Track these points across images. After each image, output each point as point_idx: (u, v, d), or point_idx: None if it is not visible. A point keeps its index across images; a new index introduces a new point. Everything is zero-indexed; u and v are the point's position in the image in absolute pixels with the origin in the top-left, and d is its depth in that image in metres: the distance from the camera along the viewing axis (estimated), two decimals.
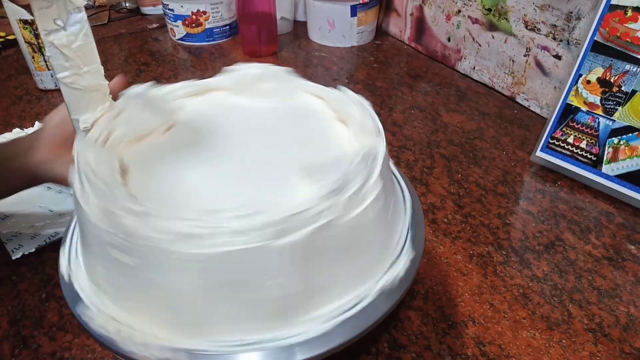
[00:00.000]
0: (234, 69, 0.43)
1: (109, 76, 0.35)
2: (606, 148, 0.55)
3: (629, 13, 0.50)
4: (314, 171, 0.30)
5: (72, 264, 0.34)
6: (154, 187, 0.31)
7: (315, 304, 0.30)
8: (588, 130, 0.56)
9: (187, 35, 0.93)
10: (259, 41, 0.87)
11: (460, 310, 0.41)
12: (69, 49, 0.31)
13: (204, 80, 0.43)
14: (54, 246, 0.46)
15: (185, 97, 0.42)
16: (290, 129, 0.38)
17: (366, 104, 0.37)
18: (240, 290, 0.28)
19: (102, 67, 0.34)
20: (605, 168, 0.55)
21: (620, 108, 0.53)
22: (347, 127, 0.36)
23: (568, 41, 0.65)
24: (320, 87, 0.41)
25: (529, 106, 0.73)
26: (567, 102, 0.57)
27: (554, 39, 0.67)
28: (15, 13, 0.67)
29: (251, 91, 0.42)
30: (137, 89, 0.39)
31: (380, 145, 0.33)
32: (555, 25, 0.66)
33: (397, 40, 0.98)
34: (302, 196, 0.28)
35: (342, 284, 0.31)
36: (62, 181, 0.39)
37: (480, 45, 0.79)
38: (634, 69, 0.51)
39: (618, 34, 0.51)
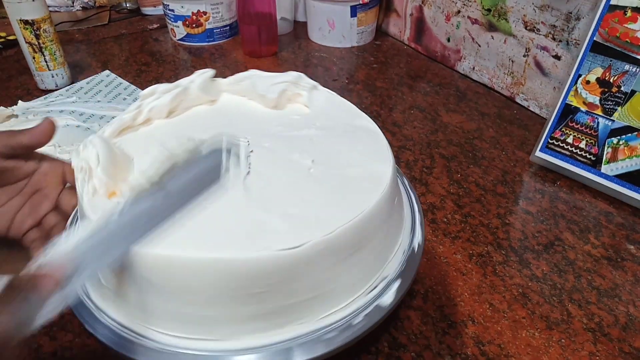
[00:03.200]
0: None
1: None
2: (605, 148, 0.55)
3: (629, 13, 0.51)
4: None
5: None
6: None
7: (317, 305, 0.30)
8: (587, 130, 0.56)
9: (188, 35, 0.93)
10: (259, 41, 0.87)
11: (460, 310, 0.42)
12: None
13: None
14: None
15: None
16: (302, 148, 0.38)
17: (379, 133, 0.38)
18: (241, 295, 0.28)
19: None
20: (604, 168, 0.55)
21: (619, 108, 0.53)
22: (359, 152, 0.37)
23: (567, 41, 0.65)
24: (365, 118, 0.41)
25: (529, 106, 0.73)
26: (566, 102, 0.57)
27: (554, 39, 0.67)
28: (15, 13, 0.67)
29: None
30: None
31: (388, 170, 0.34)
32: (554, 26, 0.66)
33: (397, 40, 0.98)
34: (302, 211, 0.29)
35: (344, 285, 0.31)
36: None
37: (479, 46, 0.79)
38: (633, 69, 0.51)
39: (617, 34, 0.52)
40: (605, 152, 0.55)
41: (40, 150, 0.38)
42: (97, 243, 0.25)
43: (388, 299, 0.32)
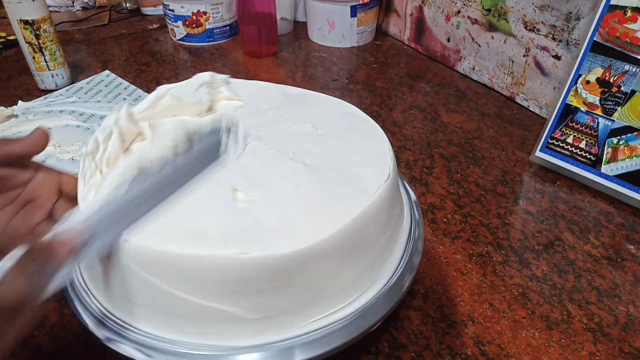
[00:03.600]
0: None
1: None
2: (605, 148, 0.55)
3: (629, 13, 0.51)
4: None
5: None
6: None
7: (317, 305, 0.30)
8: (587, 130, 0.56)
9: (188, 35, 0.93)
10: (259, 42, 0.87)
11: (460, 310, 0.42)
12: None
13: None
14: None
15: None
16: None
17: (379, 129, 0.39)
18: (241, 296, 0.28)
19: None
20: (604, 168, 0.55)
21: (619, 108, 0.53)
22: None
23: (567, 41, 0.65)
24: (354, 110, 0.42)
25: (529, 106, 0.73)
26: (566, 102, 0.57)
27: (554, 39, 0.67)
28: (15, 13, 0.67)
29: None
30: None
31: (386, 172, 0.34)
32: (554, 26, 0.66)
33: (397, 40, 0.98)
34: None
35: (344, 285, 0.31)
36: None
37: (479, 46, 0.79)
38: (633, 69, 0.51)
39: (617, 34, 0.52)
40: (605, 152, 0.55)
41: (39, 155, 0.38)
42: (109, 214, 0.27)
43: (388, 299, 0.33)
